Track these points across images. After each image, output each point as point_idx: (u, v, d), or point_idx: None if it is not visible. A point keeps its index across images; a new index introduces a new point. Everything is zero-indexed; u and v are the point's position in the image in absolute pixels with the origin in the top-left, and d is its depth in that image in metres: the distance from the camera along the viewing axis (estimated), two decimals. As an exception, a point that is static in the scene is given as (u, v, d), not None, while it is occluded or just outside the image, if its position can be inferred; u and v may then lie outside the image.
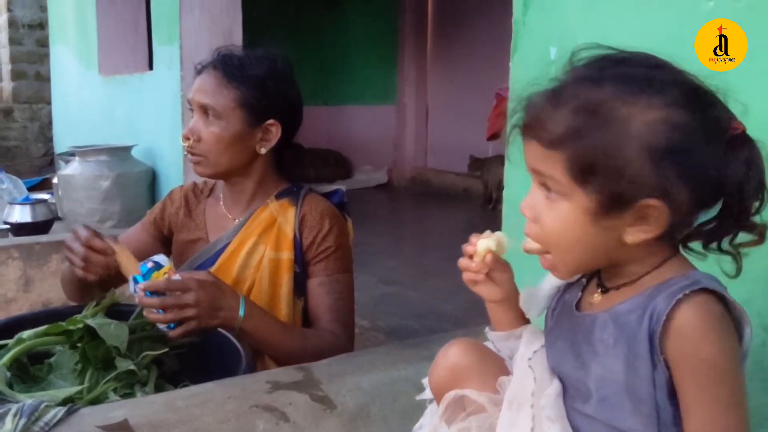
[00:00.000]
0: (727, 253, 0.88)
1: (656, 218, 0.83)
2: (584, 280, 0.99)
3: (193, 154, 1.59)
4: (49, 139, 7.05)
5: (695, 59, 1.18)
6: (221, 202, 1.72)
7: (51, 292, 3.07)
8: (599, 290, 0.94)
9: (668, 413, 0.85)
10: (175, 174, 3.60)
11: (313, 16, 6.22)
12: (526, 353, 1.01)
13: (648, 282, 0.88)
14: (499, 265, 1.06)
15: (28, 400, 1.12)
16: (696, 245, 0.90)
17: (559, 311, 1.01)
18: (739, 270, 0.88)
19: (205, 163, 1.60)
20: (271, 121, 1.62)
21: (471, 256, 1.05)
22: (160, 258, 1.43)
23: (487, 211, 5.15)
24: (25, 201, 3.86)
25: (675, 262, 0.89)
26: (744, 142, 0.84)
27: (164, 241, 1.77)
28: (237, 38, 3.41)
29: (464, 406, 1.03)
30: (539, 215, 0.89)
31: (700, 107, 0.83)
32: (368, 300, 2.90)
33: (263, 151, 1.63)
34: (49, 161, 7.03)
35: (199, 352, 1.57)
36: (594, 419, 0.90)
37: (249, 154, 1.63)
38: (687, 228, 0.88)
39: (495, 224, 1.66)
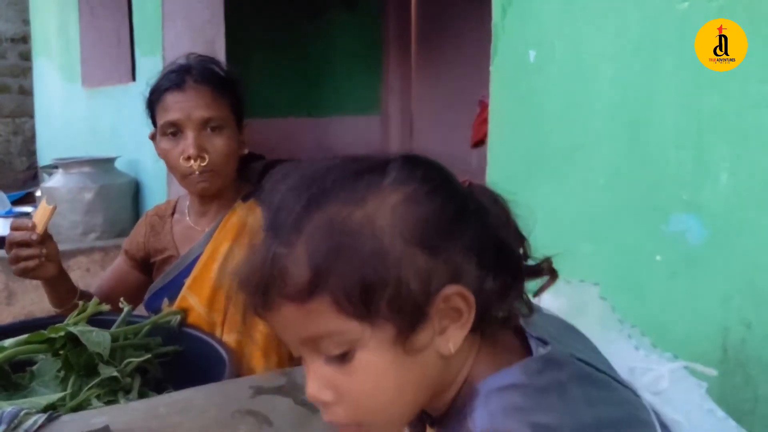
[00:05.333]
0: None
1: (464, 305, 0.69)
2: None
3: (202, 172, 1.58)
4: (32, 153, 7.01)
5: (670, 59, 1.19)
6: (187, 217, 1.73)
7: (33, 305, 3.05)
8: (428, 424, 0.78)
9: None
10: (158, 186, 3.59)
11: (296, 26, 6.23)
12: None
13: (461, 402, 0.72)
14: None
15: (8, 407, 1.11)
16: None
17: None
18: (531, 311, 0.75)
19: (215, 177, 1.60)
20: (245, 121, 1.66)
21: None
22: None
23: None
24: (8, 214, 3.83)
25: (479, 361, 0.74)
26: (479, 192, 0.75)
27: (142, 269, 1.78)
28: (220, 49, 3.40)
29: None
30: (341, 392, 0.69)
31: (420, 172, 0.71)
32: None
33: (246, 151, 1.65)
34: (32, 175, 6.99)
35: (183, 360, 1.56)
36: None
37: (238, 159, 1.64)
38: (501, 301, 0.72)
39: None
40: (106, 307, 1.59)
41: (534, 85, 1.44)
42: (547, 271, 0.77)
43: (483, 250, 0.70)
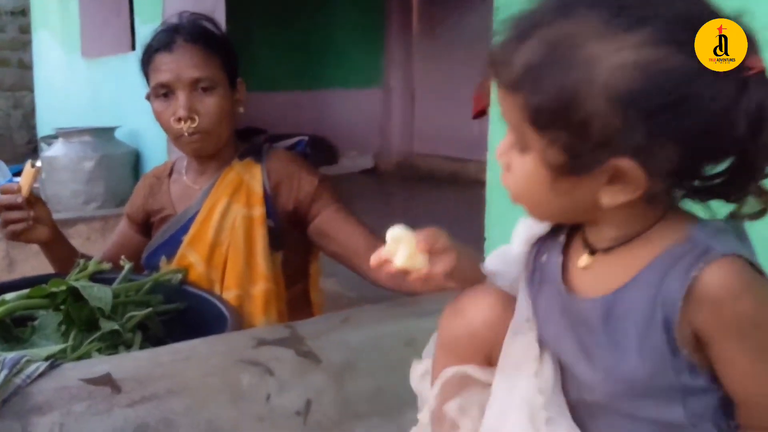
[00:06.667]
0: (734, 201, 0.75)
1: (632, 180, 0.70)
2: (562, 238, 0.86)
3: (192, 133, 1.55)
4: (32, 127, 6.99)
5: None
6: (184, 177, 1.72)
7: (34, 272, 3.04)
8: (587, 251, 0.81)
9: (696, 396, 0.75)
10: (159, 155, 3.57)
11: (297, -2, 6.18)
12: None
13: (643, 250, 0.75)
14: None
15: (10, 354, 1.11)
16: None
17: (540, 280, 0.87)
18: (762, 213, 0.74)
19: (207, 137, 1.58)
20: (239, 79, 1.64)
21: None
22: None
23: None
24: (9, 183, 3.82)
25: (669, 221, 0.76)
26: (760, 85, 0.68)
27: (144, 232, 1.78)
28: (220, 18, 3.37)
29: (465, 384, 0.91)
30: (510, 164, 0.79)
31: (678, 42, 0.67)
32: (356, 277, 2.88)
33: (242, 110, 1.64)
34: (32, 149, 6.97)
35: (184, 318, 1.56)
36: (608, 410, 0.80)
37: (234, 118, 1.63)
38: (688, 183, 0.75)
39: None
40: (107, 266, 1.58)
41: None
42: (758, 191, 0.73)
43: (693, 140, 0.68)
